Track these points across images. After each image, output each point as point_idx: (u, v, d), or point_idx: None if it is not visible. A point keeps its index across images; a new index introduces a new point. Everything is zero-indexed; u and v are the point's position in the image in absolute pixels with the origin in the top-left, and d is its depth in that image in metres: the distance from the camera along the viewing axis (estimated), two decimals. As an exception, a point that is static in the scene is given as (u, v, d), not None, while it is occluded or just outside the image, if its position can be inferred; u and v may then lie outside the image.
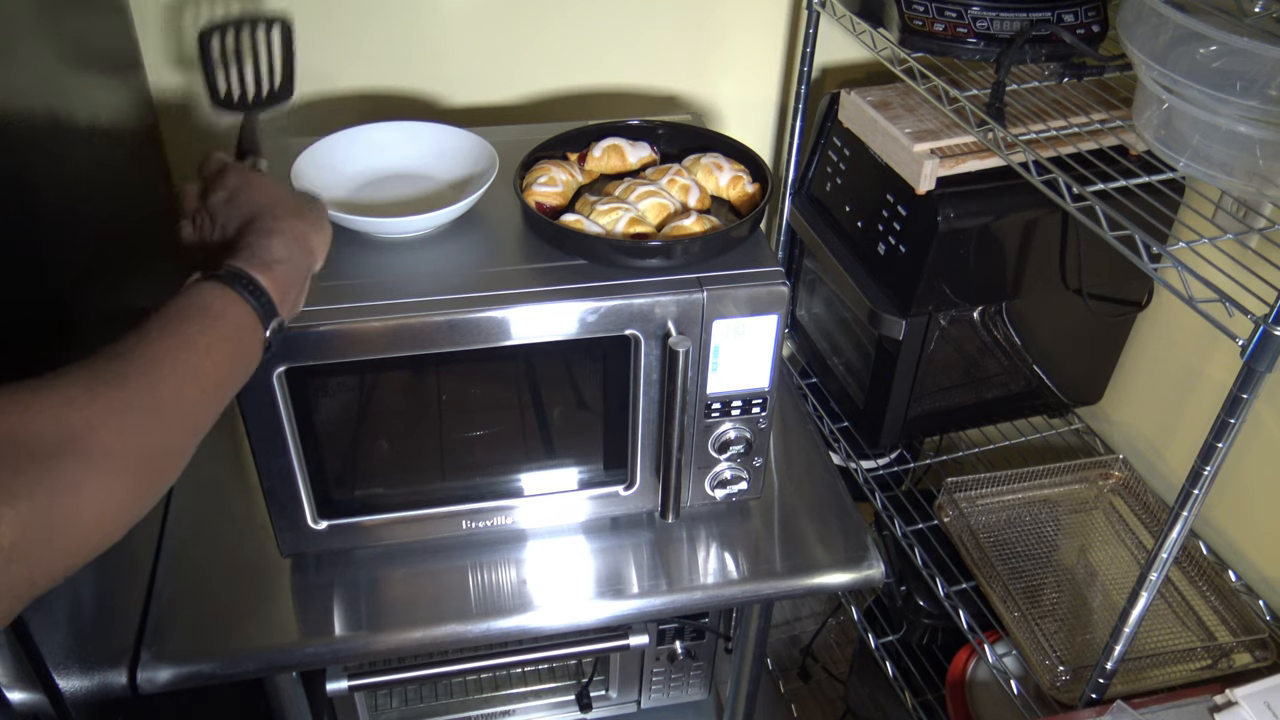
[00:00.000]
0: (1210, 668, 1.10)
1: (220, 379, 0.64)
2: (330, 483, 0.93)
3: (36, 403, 0.52)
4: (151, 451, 0.58)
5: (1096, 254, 1.18)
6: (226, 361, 0.65)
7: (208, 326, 0.64)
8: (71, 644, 0.80)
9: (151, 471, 0.58)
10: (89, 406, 0.54)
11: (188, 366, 0.61)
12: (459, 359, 0.87)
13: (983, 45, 1.05)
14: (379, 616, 0.95)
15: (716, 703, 1.46)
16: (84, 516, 0.53)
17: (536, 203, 0.94)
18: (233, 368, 0.66)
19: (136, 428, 0.56)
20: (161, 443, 0.58)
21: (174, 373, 0.59)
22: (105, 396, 0.55)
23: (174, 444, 0.60)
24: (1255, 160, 0.84)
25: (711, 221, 0.93)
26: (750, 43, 1.35)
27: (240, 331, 0.66)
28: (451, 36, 1.25)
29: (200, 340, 0.62)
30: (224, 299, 0.66)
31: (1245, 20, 0.85)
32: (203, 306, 0.64)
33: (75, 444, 0.52)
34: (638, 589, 0.99)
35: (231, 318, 0.66)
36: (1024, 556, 1.24)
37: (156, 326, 0.61)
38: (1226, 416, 0.78)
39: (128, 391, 0.56)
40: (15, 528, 0.48)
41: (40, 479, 0.50)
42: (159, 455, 0.59)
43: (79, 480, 0.52)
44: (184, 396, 0.60)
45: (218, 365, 0.63)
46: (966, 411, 1.35)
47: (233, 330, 0.65)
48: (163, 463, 0.59)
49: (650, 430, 0.96)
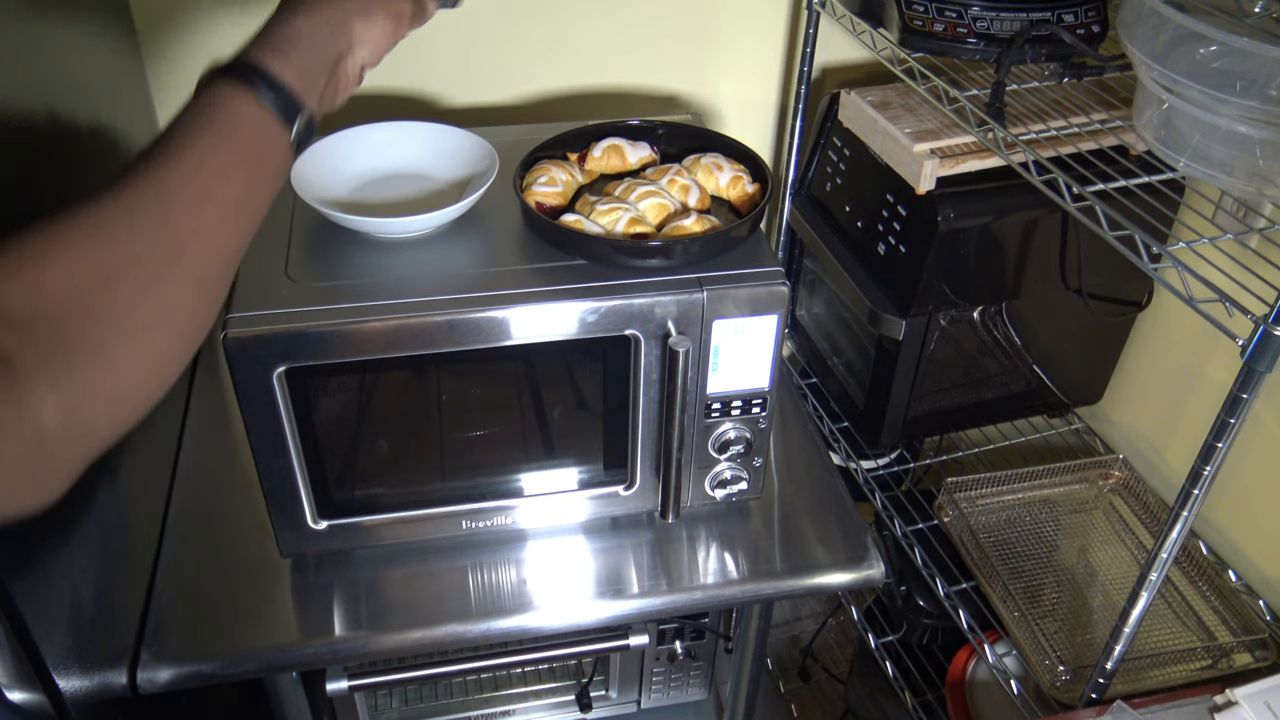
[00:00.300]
0: (1210, 668, 1.10)
1: (244, 200, 0.58)
2: (330, 483, 0.93)
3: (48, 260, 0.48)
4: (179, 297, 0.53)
5: (1096, 254, 1.18)
6: (248, 178, 0.58)
7: (220, 141, 0.56)
8: (71, 644, 0.80)
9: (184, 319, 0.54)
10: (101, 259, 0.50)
11: (204, 193, 0.54)
12: (459, 359, 0.87)
13: (983, 45, 1.05)
14: (379, 616, 0.95)
15: (716, 703, 1.46)
16: (124, 386, 0.50)
17: (536, 203, 0.94)
18: (256, 183, 0.59)
19: (157, 276, 0.51)
20: (187, 283, 0.53)
21: (190, 204, 0.53)
22: (117, 242, 0.50)
23: (203, 279, 0.55)
24: (1255, 160, 0.84)
25: (711, 221, 0.93)
26: (750, 43, 1.35)
27: (260, 139, 0.59)
28: (451, 36, 1.25)
29: (213, 160, 0.55)
30: (237, 101, 0.58)
31: (1245, 20, 0.85)
32: (211, 117, 0.57)
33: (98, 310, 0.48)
34: (638, 589, 0.99)
35: (247, 122, 0.58)
36: (1024, 556, 1.24)
37: (163, 150, 0.54)
38: (1226, 416, 0.78)
39: (140, 235, 0.51)
40: (57, 410, 0.46)
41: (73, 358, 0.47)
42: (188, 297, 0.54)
43: (112, 352, 0.49)
44: (205, 228, 0.54)
45: (239, 185, 0.57)
46: (966, 411, 1.35)
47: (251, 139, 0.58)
48: (195, 303, 0.54)
49: (650, 430, 0.96)
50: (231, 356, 0.82)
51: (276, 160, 0.60)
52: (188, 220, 0.54)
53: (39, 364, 0.46)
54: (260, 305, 0.83)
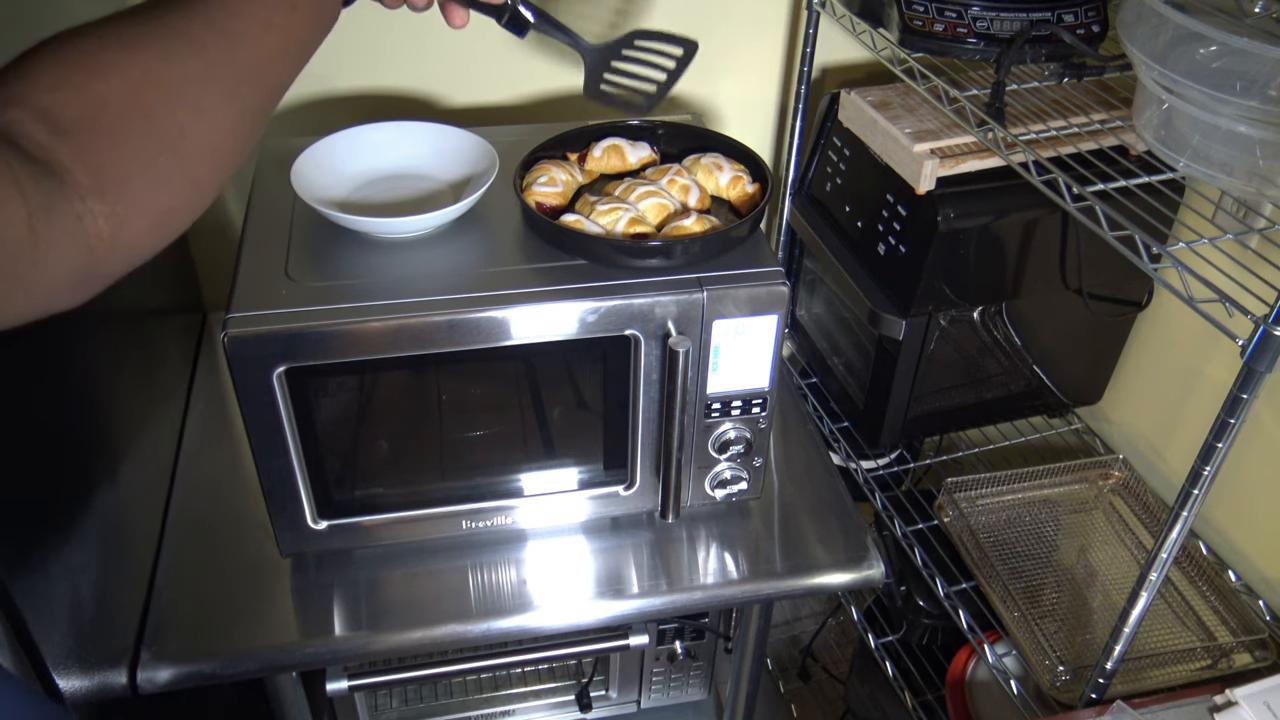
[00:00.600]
0: (1210, 668, 1.10)
1: (304, 40, 0.59)
2: (330, 483, 0.93)
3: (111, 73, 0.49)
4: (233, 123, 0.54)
5: (1096, 254, 1.18)
6: (313, 17, 0.59)
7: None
8: (71, 644, 0.80)
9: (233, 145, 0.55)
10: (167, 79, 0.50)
11: (272, 27, 0.56)
12: (459, 359, 0.87)
13: (983, 45, 1.05)
14: (379, 616, 0.95)
15: (716, 703, 1.46)
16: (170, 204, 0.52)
17: (536, 203, 0.94)
18: (314, 23, 0.60)
19: (215, 101, 0.53)
20: (242, 111, 0.55)
21: (257, 35, 0.55)
22: (183, 65, 0.51)
23: (254, 109, 0.56)
24: (1255, 160, 0.84)
25: (711, 221, 0.93)
26: (750, 43, 1.35)
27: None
28: (451, 36, 1.24)
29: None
30: None
31: (1245, 20, 0.85)
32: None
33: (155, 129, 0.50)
34: (638, 589, 0.99)
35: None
36: (1024, 556, 1.24)
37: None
38: (1226, 416, 0.78)
39: (210, 59, 0.52)
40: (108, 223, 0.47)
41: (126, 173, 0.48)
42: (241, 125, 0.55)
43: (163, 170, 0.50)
44: (266, 59, 0.56)
45: (303, 22, 0.58)
46: (966, 411, 1.35)
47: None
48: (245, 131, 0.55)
49: (650, 430, 0.96)
50: (231, 356, 0.82)
51: (331, 6, 0.62)
52: (253, 50, 0.55)
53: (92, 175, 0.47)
54: (260, 305, 0.83)
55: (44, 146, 0.46)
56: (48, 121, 0.46)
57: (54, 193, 0.45)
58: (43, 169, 0.45)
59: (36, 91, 0.47)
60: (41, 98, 0.47)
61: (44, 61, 0.48)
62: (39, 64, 0.48)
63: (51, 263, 0.45)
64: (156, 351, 1.12)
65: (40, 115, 0.46)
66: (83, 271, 0.48)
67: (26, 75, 0.47)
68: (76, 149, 0.47)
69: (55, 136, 0.46)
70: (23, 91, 0.46)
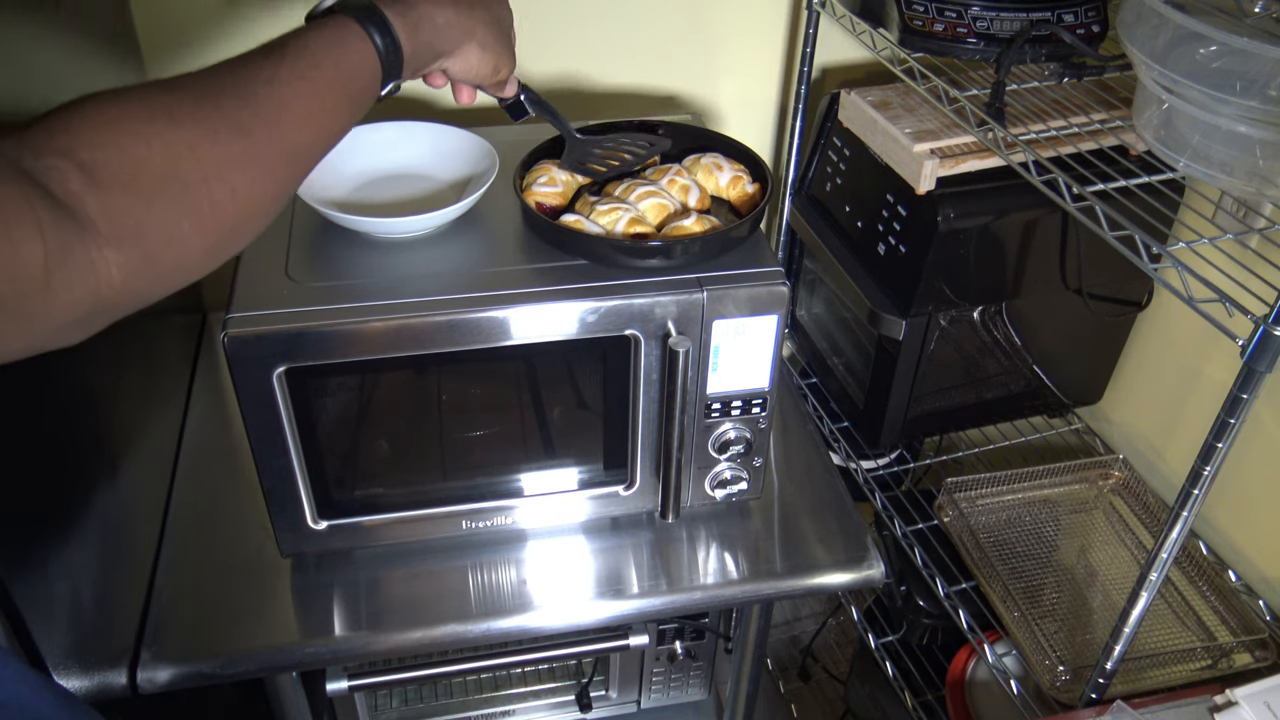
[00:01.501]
0: (1210, 668, 1.10)
1: (335, 130, 0.63)
2: (330, 483, 0.93)
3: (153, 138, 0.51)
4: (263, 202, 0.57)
5: (1096, 254, 1.18)
6: (345, 121, 0.63)
7: (340, 83, 0.62)
8: (71, 644, 0.80)
9: (255, 218, 0.57)
10: (209, 157, 0.53)
11: (310, 125, 0.60)
12: (459, 359, 0.87)
13: (983, 45, 1.05)
14: (379, 616, 0.95)
15: (716, 703, 1.46)
16: (184, 262, 0.54)
17: (536, 203, 0.94)
18: (350, 119, 0.64)
19: (251, 182, 0.55)
20: (274, 193, 0.58)
21: (295, 130, 0.58)
22: (227, 146, 0.54)
23: (281, 190, 0.59)
24: (1255, 160, 0.84)
25: (711, 221, 0.93)
26: (750, 43, 1.35)
27: (366, 92, 0.65)
28: (451, 36, 1.24)
29: (328, 99, 0.61)
30: (365, 54, 0.63)
31: (1245, 20, 0.85)
32: (339, 60, 0.62)
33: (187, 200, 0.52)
34: (638, 589, 0.99)
35: (365, 75, 0.64)
36: (1024, 556, 1.24)
37: (291, 70, 0.59)
38: (1226, 416, 0.78)
39: (251, 145, 0.55)
40: (120, 271, 0.50)
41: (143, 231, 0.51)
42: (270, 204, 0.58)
43: (183, 234, 0.52)
44: (296, 155, 0.59)
45: (336, 125, 0.62)
46: (966, 411, 1.35)
47: (361, 89, 0.64)
48: (270, 207, 0.58)
49: (650, 430, 0.96)
50: (231, 356, 0.82)
51: (365, 102, 0.65)
52: (292, 138, 0.58)
53: (114, 227, 0.49)
54: (260, 305, 0.83)
55: (74, 194, 0.48)
56: (85, 173, 0.48)
57: (73, 236, 0.48)
58: (66, 213, 0.47)
59: (80, 146, 0.49)
60: (84, 152, 0.49)
61: (90, 118, 0.50)
62: (85, 119, 0.50)
63: (61, 302, 0.48)
64: (156, 351, 1.12)
65: (79, 166, 0.48)
66: (89, 312, 0.50)
67: (72, 129, 0.50)
68: (105, 202, 0.49)
69: (88, 187, 0.48)
70: (67, 143, 0.49)
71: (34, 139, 0.48)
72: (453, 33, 0.72)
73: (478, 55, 0.75)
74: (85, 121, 0.50)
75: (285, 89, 0.58)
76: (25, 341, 0.49)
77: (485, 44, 0.75)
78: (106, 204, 0.49)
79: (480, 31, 0.74)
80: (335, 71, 0.61)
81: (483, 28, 0.74)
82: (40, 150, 0.48)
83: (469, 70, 0.76)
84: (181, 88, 0.55)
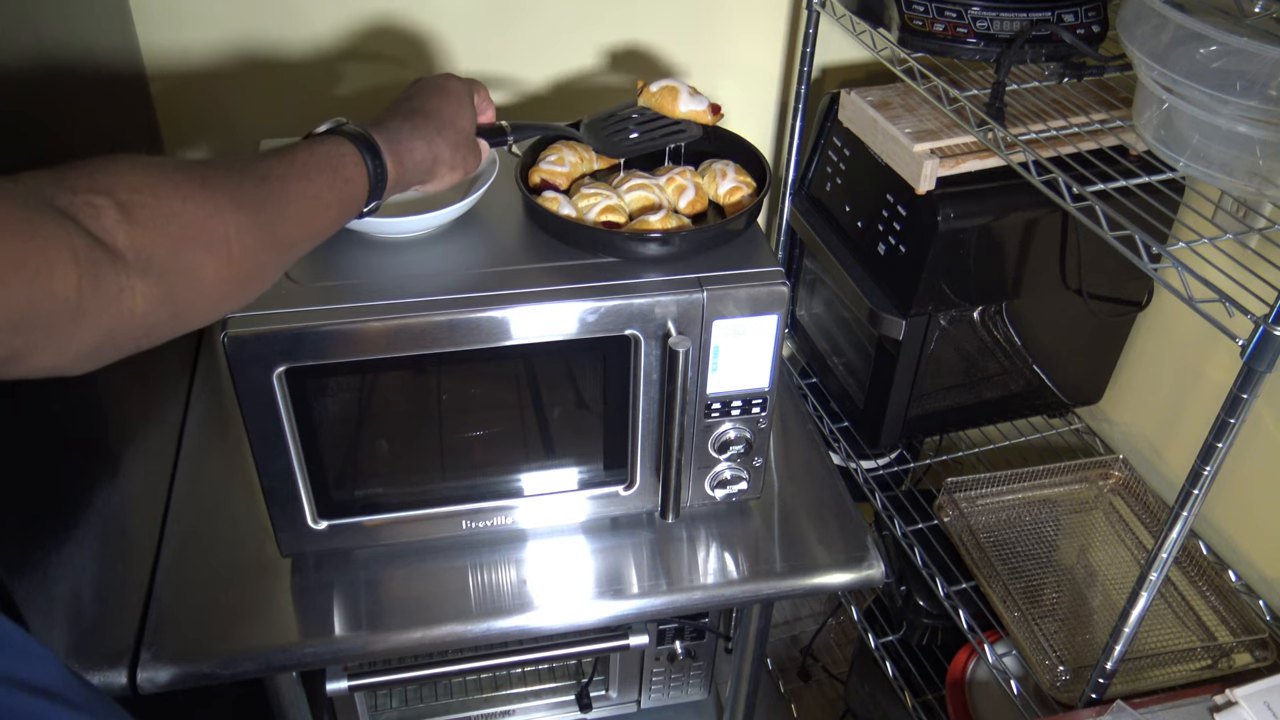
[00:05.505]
0: (1210, 668, 1.10)
1: (322, 231, 0.72)
2: (330, 483, 0.93)
3: (195, 197, 0.59)
4: (264, 268, 0.66)
5: (1096, 254, 1.18)
6: (336, 220, 0.73)
7: (337, 187, 0.71)
8: (71, 644, 0.80)
9: (254, 284, 0.66)
10: (231, 220, 0.61)
11: (309, 216, 0.69)
12: (459, 359, 0.87)
13: (983, 45, 1.05)
14: (379, 616, 0.95)
15: (716, 703, 1.46)
16: (200, 304, 0.62)
17: (541, 179, 0.94)
18: (335, 225, 0.73)
19: (257, 250, 0.64)
20: (265, 265, 0.66)
21: (298, 217, 0.68)
22: (246, 213, 0.63)
23: (278, 263, 0.68)
24: (1255, 160, 0.84)
25: (680, 220, 0.93)
26: (750, 43, 1.35)
27: (355, 201, 0.74)
28: (451, 36, 1.25)
29: (326, 197, 0.71)
30: (358, 169, 0.73)
31: (1245, 20, 0.85)
32: (338, 168, 0.71)
33: (215, 244, 0.60)
34: (638, 589, 0.99)
35: (356, 187, 0.73)
36: (1024, 556, 1.24)
37: (300, 170, 0.69)
38: (1226, 416, 0.78)
39: (262, 219, 0.64)
40: (145, 301, 0.56)
41: (178, 266, 0.58)
42: (282, 265, 0.68)
43: (207, 277, 0.60)
44: (296, 238, 0.69)
45: (329, 221, 0.72)
46: (966, 411, 1.35)
47: (352, 197, 0.73)
48: (265, 276, 0.67)
49: (650, 430, 0.96)
50: (231, 356, 0.82)
51: (351, 211, 0.75)
52: (310, 216, 0.70)
53: (142, 261, 0.56)
54: (260, 305, 0.83)
55: (108, 229, 0.54)
56: (123, 211, 0.55)
57: (104, 263, 0.53)
58: (98, 243, 0.53)
59: (120, 188, 0.55)
60: (124, 194, 0.55)
61: (133, 168, 0.57)
62: (130, 166, 0.57)
63: (89, 323, 0.53)
64: (156, 351, 1.11)
65: (118, 205, 0.55)
66: (105, 340, 0.56)
67: (115, 174, 0.56)
68: (136, 238, 0.55)
69: (121, 224, 0.54)
70: (108, 184, 0.55)
71: (73, 179, 0.54)
72: (427, 163, 0.81)
73: (448, 173, 0.84)
74: (129, 168, 0.57)
75: (292, 185, 0.67)
76: (53, 360, 0.53)
77: (454, 162, 0.83)
78: (137, 240, 0.55)
79: (448, 154, 0.82)
80: (332, 177, 0.71)
81: (449, 150, 0.82)
82: (79, 188, 0.54)
83: (443, 185, 0.85)
84: (212, 164, 0.63)
